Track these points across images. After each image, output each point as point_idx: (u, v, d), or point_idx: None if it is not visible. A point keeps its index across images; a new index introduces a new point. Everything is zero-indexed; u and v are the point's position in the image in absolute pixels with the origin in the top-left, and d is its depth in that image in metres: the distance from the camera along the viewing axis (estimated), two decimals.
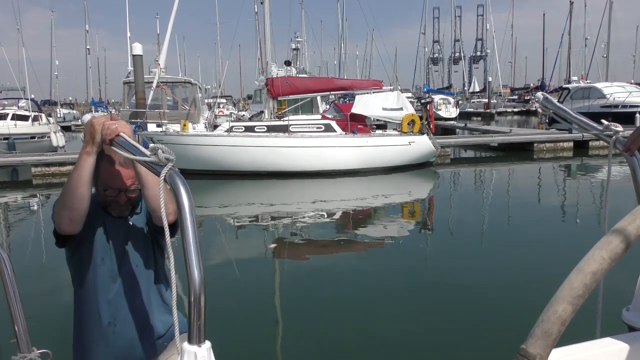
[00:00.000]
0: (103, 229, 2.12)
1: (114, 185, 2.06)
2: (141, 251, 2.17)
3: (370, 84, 18.80)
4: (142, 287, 2.16)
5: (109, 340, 2.12)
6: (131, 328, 2.13)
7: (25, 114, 25.24)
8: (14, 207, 13.27)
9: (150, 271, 2.18)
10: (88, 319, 2.15)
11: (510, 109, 60.36)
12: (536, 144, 20.90)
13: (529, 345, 0.78)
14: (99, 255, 2.11)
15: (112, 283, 2.11)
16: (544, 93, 2.54)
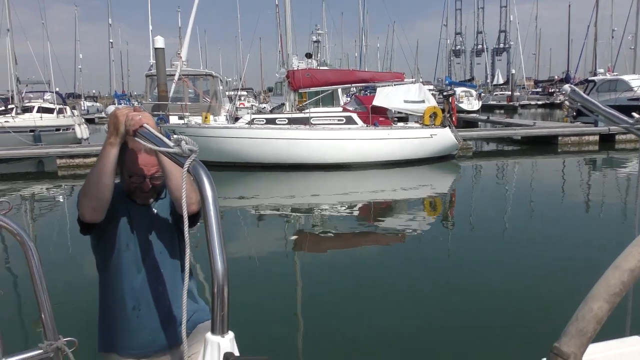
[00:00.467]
0: (127, 217, 2.14)
1: (139, 172, 2.08)
2: (165, 239, 2.19)
3: (391, 76, 18.68)
4: (166, 274, 2.18)
5: (133, 325, 2.15)
6: (155, 314, 2.16)
7: (50, 106, 25.61)
8: (40, 197, 13.50)
9: (175, 259, 2.20)
10: (113, 304, 2.18)
11: (534, 102, 59.50)
12: (561, 138, 20.57)
13: (563, 344, 0.76)
14: (124, 242, 2.13)
15: (137, 269, 2.14)
16: (571, 85, 2.49)
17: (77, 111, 30.13)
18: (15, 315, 5.33)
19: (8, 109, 25.41)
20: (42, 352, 1.24)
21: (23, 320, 5.23)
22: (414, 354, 4.49)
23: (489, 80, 74.38)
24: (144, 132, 1.63)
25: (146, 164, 2.06)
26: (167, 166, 1.91)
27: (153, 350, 2.19)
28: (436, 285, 6.22)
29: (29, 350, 1.25)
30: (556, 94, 56.91)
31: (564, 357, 0.75)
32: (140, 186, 2.11)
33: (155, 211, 2.20)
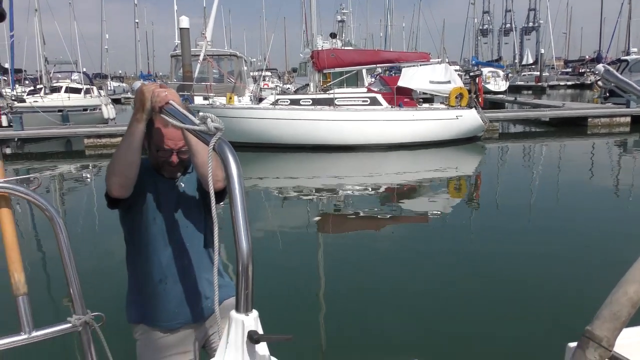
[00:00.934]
0: (155, 191, 2.16)
1: (166, 146, 2.08)
2: (192, 214, 2.20)
3: (417, 57, 18.45)
4: (192, 249, 2.19)
5: (159, 298, 2.18)
6: (180, 288, 2.18)
7: (77, 86, 25.98)
8: (68, 176, 13.74)
9: (201, 234, 2.21)
10: (140, 277, 2.22)
11: (563, 82, 58.22)
12: (590, 119, 20.14)
13: (596, 327, 0.74)
14: (151, 216, 2.15)
15: (163, 243, 2.16)
16: (605, 65, 2.41)
17: (104, 91, 30.51)
18: (46, 290, 5.47)
19: (37, 89, 25.85)
20: (71, 325, 1.26)
21: (53, 295, 5.36)
22: (439, 335, 4.49)
23: (517, 60, 72.95)
24: (170, 108, 1.62)
25: (173, 138, 2.06)
26: (192, 143, 1.92)
27: (179, 323, 2.22)
28: (461, 268, 6.18)
29: (59, 323, 1.27)
30: (587, 73, 55.63)
31: (596, 341, 0.73)
32: (168, 160, 2.11)
33: (182, 185, 2.20)
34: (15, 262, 1.25)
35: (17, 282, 1.25)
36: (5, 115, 20.08)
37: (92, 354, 1.29)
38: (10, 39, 26.46)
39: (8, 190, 1.23)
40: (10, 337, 1.24)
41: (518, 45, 77.92)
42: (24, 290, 1.25)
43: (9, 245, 1.25)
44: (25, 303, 1.25)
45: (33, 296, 1.27)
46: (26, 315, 1.25)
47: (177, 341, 2.24)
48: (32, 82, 31.19)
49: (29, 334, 1.25)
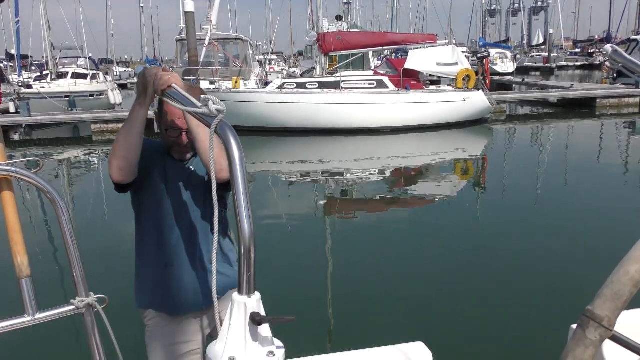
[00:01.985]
0: (163, 173, 2.13)
1: (174, 125, 2.05)
2: (200, 198, 2.16)
3: (424, 38, 18.30)
4: (200, 234, 2.15)
5: (166, 282, 2.15)
6: (187, 273, 2.14)
7: (84, 72, 25.98)
8: (76, 162, 13.80)
9: (209, 219, 2.15)
10: (147, 261, 2.20)
11: (571, 63, 57.67)
12: (599, 100, 19.96)
13: (597, 307, 0.73)
14: (158, 198, 2.13)
15: (170, 227, 2.13)
16: (613, 45, 2.37)
17: (110, 77, 30.49)
18: (50, 272, 5.52)
19: (43, 75, 25.88)
20: (74, 307, 1.27)
21: (57, 277, 5.41)
22: (443, 317, 4.50)
23: (525, 41, 72.19)
24: (172, 92, 1.61)
25: (182, 117, 2.00)
26: (195, 129, 1.89)
27: (186, 309, 2.19)
28: (467, 250, 6.18)
29: (62, 306, 1.28)
30: (596, 54, 55.04)
31: (597, 320, 0.72)
32: (177, 140, 2.08)
33: (192, 169, 2.16)
34: (18, 245, 1.26)
35: (21, 264, 1.25)
36: (12, 102, 20.13)
37: (95, 336, 1.30)
38: (16, 25, 26.43)
39: (10, 173, 1.23)
40: (13, 319, 1.25)
41: (526, 25, 77.06)
42: (27, 272, 1.26)
43: (12, 227, 1.26)
44: (28, 285, 1.26)
45: (36, 279, 1.28)
46: (29, 297, 1.26)
47: (185, 328, 2.21)
48: (39, 68, 31.22)
49: (33, 316, 1.25)
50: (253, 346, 1.18)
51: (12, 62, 31.32)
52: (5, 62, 33.36)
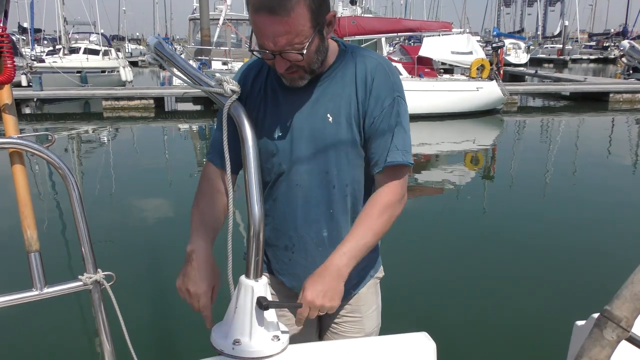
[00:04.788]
0: (275, 106, 1.62)
1: (263, 46, 1.42)
2: (339, 150, 1.62)
3: (439, 26, 18.12)
4: (337, 205, 1.68)
5: (282, 268, 1.81)
6: (312, 262, 1.71)
7: (96, 48, 26.00)
8: (86, 137, 13.84)
9: (348, 186, 1.67)
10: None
11: (586, 56, 57.08)
12: (612, 95, 19.76)
13: (615, 307, 0.72)
14: (270, 150, 1.66)
15: (290, 191, 1.68)
16: (630, 41, 2.33)
17: (122, 54, 30.50)
18: (59, 248, 5.56)
19: (56, 50, 25.93)
20: (82, 284, 1.27)
21: (66, 253, 5.45)
22: (448, 308, 4.50)
23: (540, 32, 71.47)
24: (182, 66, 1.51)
25: (271, 34, 1.37)
26: None
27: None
28: (473, 241, 6.17)
29: (70, 281, 1.28)
30: (611, 48, 54.45)
31: (615, 321, 0.71)
32: (274, 64, 1.47)
33: (315, 97, 1.58)
34: (28, 218, 1.26)
35: (30, 238, 1.26)
36: (24, 75, 20.19)
37: (102, 313, 1.31)
38: None
39: (21, 147, 1.23)
40: (21, 292, 1.25)
41: (541, 16, 76.25)
42: (37, 246, 1.26)
43: (22, 201, 1.26)
44: (37, 259, 1.26)
45: (45, 253, 1.28)
46: (38, 271, 1.26)
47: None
48: (51, 43, 31.26)
49: (40, 291, 1.26)
50: (258, 330, 1.18)
51: (25, 35, 31.36)
52: (17, 35, 33.40)
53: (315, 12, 1.37)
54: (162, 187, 8.51)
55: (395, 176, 1.59)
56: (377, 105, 1.53)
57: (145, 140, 13.74)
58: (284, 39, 1.36)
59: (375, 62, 1.57)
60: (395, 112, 1.55)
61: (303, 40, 1.38)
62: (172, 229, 6.24)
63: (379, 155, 1.56)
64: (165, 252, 5.48)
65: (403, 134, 1.58)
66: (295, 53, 1.39)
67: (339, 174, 1.60)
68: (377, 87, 1.53)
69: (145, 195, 7.87)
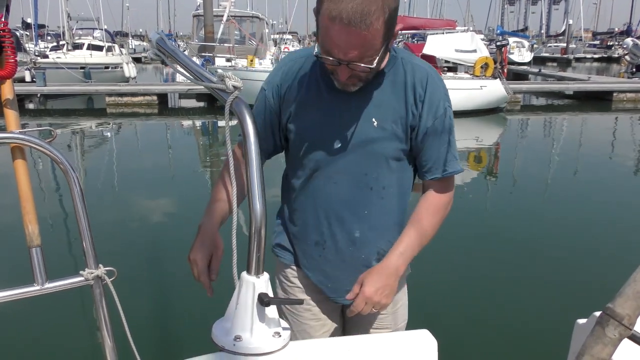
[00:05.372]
0: (319, 106, 1.61)
1: (330, 53, 1.40)
2: (384, 149, 1.64)
3: (443, 24, 18.13)
4: (375, 206, 1.69)
5: (312, 264, 1.80)
6: (343, 260, 1.75)
7: (99, 44, 26.02)
8: (89, 133, 13.86)
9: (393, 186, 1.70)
10: (291, 226, 1.85)
11: (589, 55, 56.91)
12: (616, 94, 19.71)
13: (617, 305, 0.72)
14: (311, 145, 1.69)
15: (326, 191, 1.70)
16: (634, 39, 2.31)
17: (125, 50, 30.51)
18: (60, 243, 5.57)
19: (60, 45, 25.95)
20: (83, 279, 1.27)
21: (67, 248, 5.46)
22: (449, 306, 4.50)
23: (544, 30, 71.32)
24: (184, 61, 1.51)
25: (343, 45, 1.36)
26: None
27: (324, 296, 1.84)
28: (475, 237, 6.16)
29: (71, 276, 1.28)
30: (615, 47, 54.30)
31: (617, 319, 0.71)
32: (336, 70, 1.46)
33: (363, 100, 1.58)
34: (30, 213, 1.26)
35: (32, 233, 1.26)
36: (28, 71, 20.22)
37: (103, 308, 1.31)
38: None
39: (23, 142, 1.23)
40: (23, 287, 1.25)
41: (545, 15, 76.03)
42: (38, 242, 1.26)
43: (24, 196, 1.26)
44: (38, 254, 1.26)
45: (47, 248, 1.28)
46: (39, 266, 1.26)
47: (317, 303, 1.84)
48: (55, 38, 31.29)
49: (41, 286, 1.26)
50: (259, 326, 1.18)
51: (28, 30, 31.40)
52: (21, 30, 33.45)
53: (389, 28, 1.40)
54: (164, 183, 8.52)
55: (448, 181, 1.71)
56: (429, 115, 1.58)
57: (148, 136, 13.76)
58: (356, 52, 1.36)
59: (425, 72, 1.60)
60: (447, 121, 1.62)
61: (373, 54, 1.39)
62: (174, 225, 6.25)
63: (435, 163, 1.64)
64: (167, 248, 5.49)
65: (455, 143, 1.67)
66: (363, 66, 1.39)
67: (378, 177, 1.63)
68: (429, 96, 1.57)
69: (147, 191, 7.89)
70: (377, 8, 1.31)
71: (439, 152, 1.63)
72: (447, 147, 1.64)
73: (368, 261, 1.72)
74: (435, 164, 1.64)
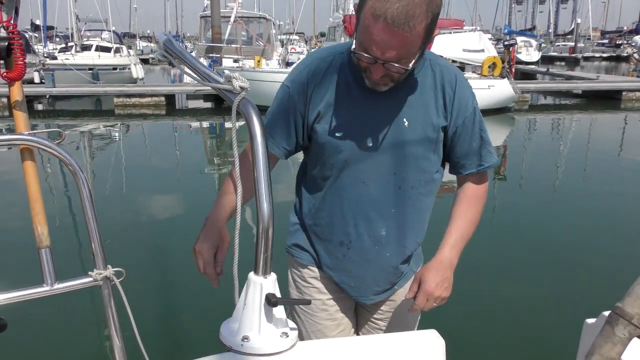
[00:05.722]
0: (349, 105, 1.61)
1: (368, 50, 1.40)
2: (414, 151, 1.65)
3: (450, 24, 18.12)
4: (402, 207, 1.71)
5: (335, 265, 1.80)
6: (368, 261, 1.76)
7: (107, 45, 26.16)
8: (97, 134, 13.92)
9: (421, 187, 1.73)
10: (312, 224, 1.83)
11: (598, 54, 56.63)
12: (625, 93, 19.59)
13: (627, 304, 0.71)
14: (338, 144, 1.66)
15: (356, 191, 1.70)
16: None
17: (133, 51, 30.64)
18: (69, 244, 5.60)
19: (68, 47, 26.10)
20: (92, 280, 1.28)
21: (76, 249, 5.49)
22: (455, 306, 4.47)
23: (552, 29, 70.97)
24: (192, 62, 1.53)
25: (383, 44, 1.36)
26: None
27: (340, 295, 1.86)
28: (481, 239, 6.11)
29: (80, 277, 1.29)
30: (624, 45, 53.94)
31: (627, 318, 0.71)
32: (369, 68, 1.46)
33: (394, 101, 1.59)
34: (39, 215, 1.27)
35: (41, 234, 1.26)
36: (37, 72, 20.35)
37: (112, 309, 1.31)
38: None
39: (32, 143, 1.24)
40: (32, 288, 1.26)
41: (553, 14, 75.67)
42: (47, 243, 1.27)
43: (33, 197, 1.27)
44: (48, 255, 1.27)
45: (56, 250, 1.29)
46: (49, 267, 1.27)
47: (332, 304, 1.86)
48: (63, 40, 31.48)
49: (51, 286, 1.27)
50: (267, 327, 1.18)
51: (37, 32, 31.58)
52: (30, 32, 33.66)
53: (428, 33, 1.41)
54: (172, 184, 8.54)
55: (484, 174, 1.79)
56: (459, 114, 1.63)
57: (156, 137, 13.80)
58: (394, 53, 1.37)
59: (453, 73, 1.66)
60: (477, 118, 1.68)
61: (410, 57, 1.41)
62: (182, 226, 6.27)
63: (469, 159, 1.71)
64: (175, 249, 5.50)
65: (488, 138, 1.72)
66: (398, 66, 1.40)
67: (407, 177, 1.65)
68: (458, 97, 1.62)
69: (155, 192, 7.91)
70: (422, 12, 1.33)
71: (472, 148, 1.68)
72: (480, 142, 1.69)
73: (393, 260, 1.75)
74: (470, 159, 1.70)
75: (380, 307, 1.88)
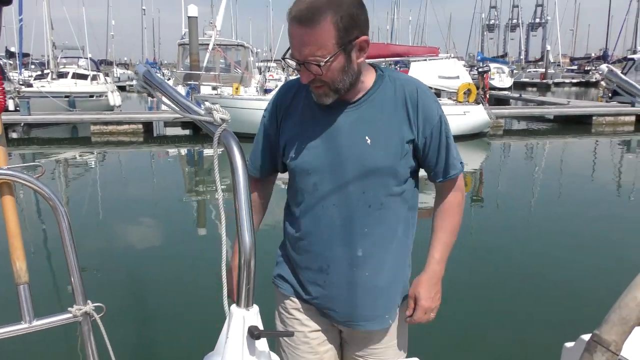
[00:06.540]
0: (313, 124, 1.66)
1: (292, 53, 1.51)
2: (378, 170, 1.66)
3: (426, 51, 18.37)
4: (376, 226, 1.70)
5: (315, 292, 1.78)
6: (347, 286, 1.74)
7: (84, 72, 25.97)
8: (74, 163, 13.75)
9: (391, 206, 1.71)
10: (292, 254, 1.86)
11: (568, 80, 58.02)
12: (595, 117, 20.06)
13: (604, 332, 0.73)
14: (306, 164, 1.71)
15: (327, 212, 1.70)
16: (609, 65, 2.41)
17: (110, 78, 30.52)
18: (48, 279, 5.48)
19: (44, 74, 25.89)
20: (72, 316, 1.26)
21: (55, 284, 5.37)
22: (437, 331, 4.48)
23: (523, 56, 72.64)
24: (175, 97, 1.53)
25: (297, 44, 1.47)
26: None
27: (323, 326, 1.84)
28: (460, 264, 6.15)
29: (59, 313, 1.27)
30: (592, 71, 55.43)
31: (605, 345, 0.73)
32: (300, 75, 1.55)
33: (354, 119, 1.62)
34: (17, 250, 1.25)
35: (19, 270, 1.25)
36: (12, 100, 20.10)
37: (92, 345, 1.29)
38: (19, 22, 26.43)
39: (12, 178, 1.23)
40: (10, 325, 1.24)
41: (524, 41, 77.58)
42: (26, 278, 1.25)
43: (12, 233, 1.25)
44: (26, 292, 1.25)
45: (34, 285, 1.27)
46: (27, 304, 1.25)
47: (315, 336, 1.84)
48: (39, 67, 31.24)
49: (30, 323, 1.25)
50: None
51: (12, 59, 31.30)
52: (4, 59, 33.35)
53: (341, 31, 1.45)
54: (151, 214, 8.45)
55: (455, 181, 1.79)
56: (426, 124, 1.64)
57: (134, 165, 13.68)
58: (307, 50, 1.44)
59: (414, 84, 1.67)
60: (444, 127, 1.68)
61: (325, 54, 1.45)
62: (162, 257, 6.18)
63: (440, 168, 1.72)
64: (156, 281, 5.43)
65: (454, 146, 1.73)
66: (315, 65, 1.45)
67: (375, 194, 1.64)
68: (422, 107, 1.63)
69: (134, 223, 7.81)
70: (326, 7, 1.41)
71: (440, 157, 1.70)
72: (447, 151, 1.69)
73: (374, 279, 1.71)
74: (438, 168, 1.72)
75: (366, 342, 1.84)
